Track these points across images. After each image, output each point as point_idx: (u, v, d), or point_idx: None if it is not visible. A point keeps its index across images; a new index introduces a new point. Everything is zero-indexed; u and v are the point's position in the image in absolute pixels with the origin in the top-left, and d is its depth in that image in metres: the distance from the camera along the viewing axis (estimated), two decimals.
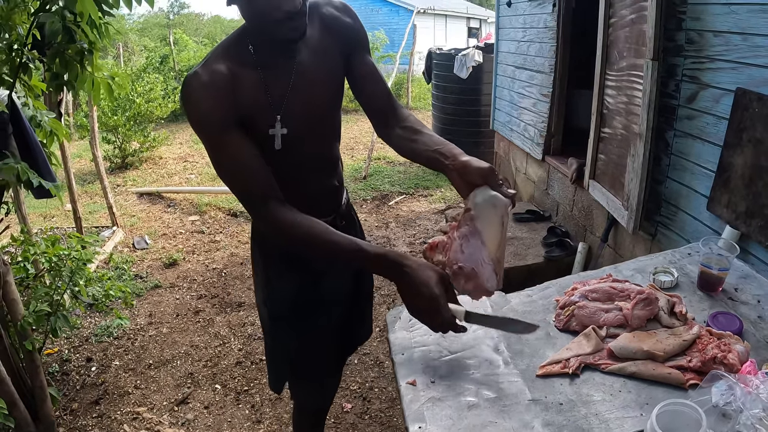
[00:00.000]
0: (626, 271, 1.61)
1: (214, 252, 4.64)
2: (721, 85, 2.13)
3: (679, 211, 2.46)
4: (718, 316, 1.29)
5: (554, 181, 4.20)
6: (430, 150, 1.35)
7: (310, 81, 1.37)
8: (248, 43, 1.31)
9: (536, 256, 3.65)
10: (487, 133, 5.96)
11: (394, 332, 1.42)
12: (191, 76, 1.26)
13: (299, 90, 1.36)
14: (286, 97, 1.35)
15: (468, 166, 1.23)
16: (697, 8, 2.26)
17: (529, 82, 4.54)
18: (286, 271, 1.59)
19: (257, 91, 1.31)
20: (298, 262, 1.54)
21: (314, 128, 1.44)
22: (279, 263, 1.59)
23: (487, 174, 1.21)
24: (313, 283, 1.60)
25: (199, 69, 1.27)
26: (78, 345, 3.30)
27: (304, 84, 1.36)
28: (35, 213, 5.46)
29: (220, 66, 1.27)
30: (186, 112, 1.28)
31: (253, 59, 1.31)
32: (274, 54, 1.32)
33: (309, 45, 1.37)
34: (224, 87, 1.26)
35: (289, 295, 1.60)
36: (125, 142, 7.22)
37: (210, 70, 1.26)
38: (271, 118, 1.34)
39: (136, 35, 16.75)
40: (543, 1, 4.16)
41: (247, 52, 1.31)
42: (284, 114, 1.35)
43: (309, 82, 1.37)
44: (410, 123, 1.47)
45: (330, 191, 1.61)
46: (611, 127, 2.97)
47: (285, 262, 1.58)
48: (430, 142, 1.37)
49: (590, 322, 1.33)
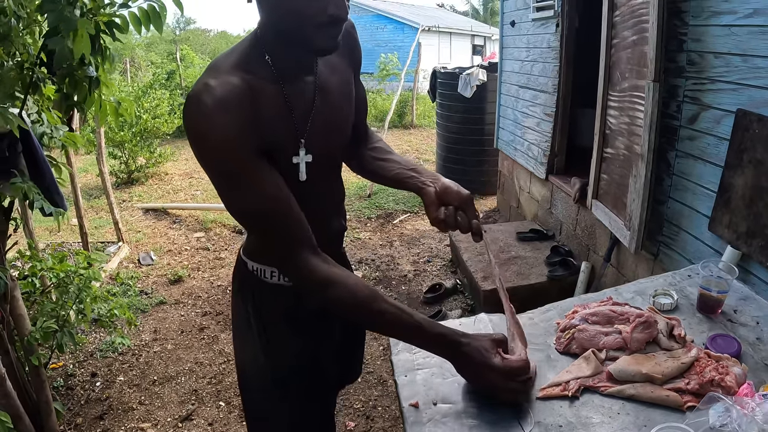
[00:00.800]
0: (626, 293, 1.61)
1: (219, 269, 4.65)
2: (722, 106, 2.15)
3: (681, 231, 2.47)
4: (717, 339, 1.30)
5: (557, 201, 4.21)
6: (406, 168, 1.31)
7: (331, 101, 1.19)
8: (264, 53, 1.09)
9: (539, 275, 3.65)
10: (491, 151, 6.00)
11: (396, 353, 1.42)
12: (201, 89, 1.00)
13: (321, 111, 1.17)
14: (310, 119, 1.15)
15: (449, 188, 1.21)
16: (698, 30, 2.29)
17: (533, 101, 4.57)
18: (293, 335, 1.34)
19: (280, 110, 1.09)
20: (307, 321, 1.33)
21: (335, 155, 1.27)
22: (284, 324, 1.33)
23: (466, 200, 1.20)
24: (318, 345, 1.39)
25: (210, 81, 1.01)
26: (83, 360, 3.31)
27: (326, 103, 1.18)
28: (42, 227, 5.50)
29: (234, 78, 1.03)
30: (194, 135, 1.00)
31: (272, 72, 1.08)
32: (294, 67, 1.12)
33: (327, 63, 1.19)
34: (245, 103, 1.02)
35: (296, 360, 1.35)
36: (131, 158, 7.28)
37: (225, 82, 1.01)
38: (294, 144, 1.13)
39: (142, 50, 16.90)
40: (546, 22, 4.21)
41: (264, 64, 1.08)
42: (307, 138, 1.14)
43: (330, 102, 1.19)
44: (380, 145, 1.43)
45: (341, 230, 1.42)
46: (614, 147, 3.00)
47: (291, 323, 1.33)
48: (403, 162, 1.34)
49: (590, 345, 1.34)
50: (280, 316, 1.32)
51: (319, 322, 1.35)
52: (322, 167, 1.20)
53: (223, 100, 0.98)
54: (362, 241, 5.14)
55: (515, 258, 3.90)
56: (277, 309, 1.31)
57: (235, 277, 1.39)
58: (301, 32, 1.02)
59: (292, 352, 1.34)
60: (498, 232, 4.42)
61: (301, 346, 1.34)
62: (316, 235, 1.15)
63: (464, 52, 21.39)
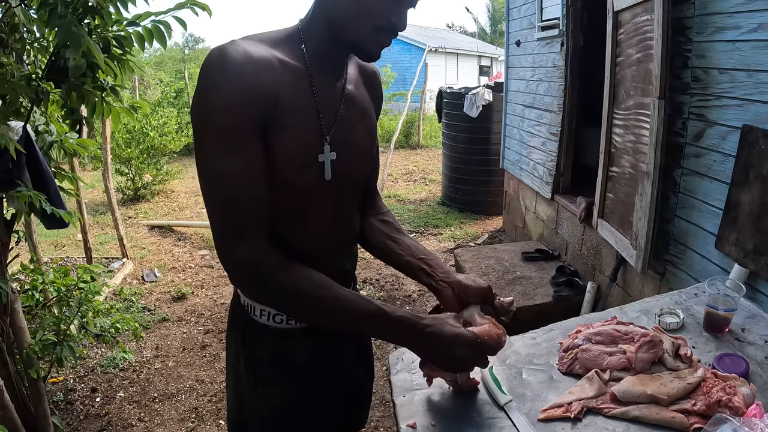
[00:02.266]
0: (632, 312, 1.59)
1: (222, 287, 4.64)
2: (728, 122, 2.14)
3: (688, 249, 2.44)
4: (724, 358, 1.27)
5: (563, 220, 4.19)
6: (416, 257, 1.26)
7: (354, 115, 1.16)
8: (301, 41, 1.06)
9: (545, 295, 3.61)
10: (497, 171, 5.99)
11: (395, 374, 1.40)
12: (229, 45, 0.96)
13: (346, 118, 1.13)
14: (336, 119, 1.11)
15: (468, 288, 1.18)
16: (703, 46, 2.28)
17: (538, 120, 4.58)
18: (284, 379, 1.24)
19: (306, 103, 1.05)
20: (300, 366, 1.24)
21: (359, 166, 1.21)
22: (273, 367, 1.24)
23: (487, 294, 1.19)
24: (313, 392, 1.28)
25: (240, 41, 0.98)
26: (83, 375, 3.29)
27: (350, 113, 1.14)
28: (46, 242, 5.52)
29: (263, 49, 0.99)
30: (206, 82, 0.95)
31: (304, 60, 1.05)
32: (326, 64, 1.09)
33: (352, 79, 1.18)
34: (264, 75, 0.97)
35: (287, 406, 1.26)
36: (138, 175, 7.32)
37: (255, 48, 0.98)
38: (318, 139, 1.08)
39: (152, 69, 17.12)
40: (551, 41, 4.23)
41: (298, 52, 1.05)
42: (333, 138, 1.10)
43: (353, 116, 1.16)
44: (389, 218, 1.37)
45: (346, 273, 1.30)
46: (619, 166, 2.98)
47: (282, 367, 1.24)
48: (414, 248, 1.29)
49: (593, 366, 1.31)
50: (269, 359, 1.22)
51: (315, 368, 1.25)
52: (348, 169, 1.14)
53: (247, 59, 0.95)
54: (367, 260, 5.11)
55: (520, 278, 3.87)
56: (266, 351, 1.22)
57: (230, 309, 1.33)
58: (358, 27, 1.00)
59: (283, 397, 1.24)
60: (503, 252, 4.39)
61: (292, 392, 1.25)
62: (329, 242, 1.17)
63: (471, 73, 21.54)
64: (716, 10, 2.18)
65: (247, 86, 0.95)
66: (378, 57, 1.06)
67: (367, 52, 1.05)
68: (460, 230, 5.97)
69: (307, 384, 1.25)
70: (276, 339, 1.21)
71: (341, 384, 1.32)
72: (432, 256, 1.26)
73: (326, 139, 1.08)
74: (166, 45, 2.08)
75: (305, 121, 1.05)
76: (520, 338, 1.52)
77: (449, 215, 6.49)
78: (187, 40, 28.95)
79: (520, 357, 1.43)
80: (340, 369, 1.31)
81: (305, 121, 1.05)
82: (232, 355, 1.29)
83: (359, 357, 1.39)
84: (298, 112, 1.03)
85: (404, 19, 1.02)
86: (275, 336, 1.21)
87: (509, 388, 1.28)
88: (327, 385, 1.28)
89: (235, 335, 1.27)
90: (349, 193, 1.22)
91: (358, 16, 1.00)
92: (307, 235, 1.14)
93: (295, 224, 1.11)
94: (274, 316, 1.20)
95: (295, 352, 1.22)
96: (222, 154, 0.97)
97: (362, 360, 1.41)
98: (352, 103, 1.16)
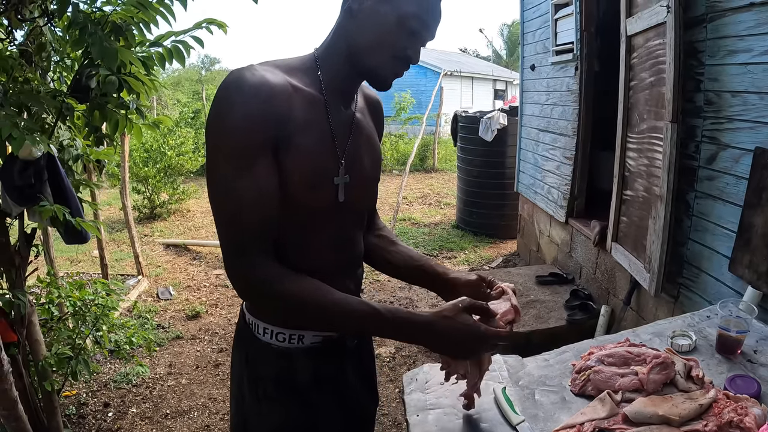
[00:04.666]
0: (644, 335, 1.59)
1: (236, 306, 4.65)
2: (740, 145, 2.14)
3: (702, 272, 2.42)
4: (736, 379, 1.26)
5: (577, 244, 4.17)
6: (412, 265, 1.34)
7: (363, 138, 1.22)
8: (318, 68, 1.12)
9: (558, 319, 3.59)
10: (512, 195, 5.99)
11: (409, 393, 1.41)
12: (246, 69, 1.02)
13: (356, 144, 1.19)
14: (348, 143, 1.16)
15: (457, 282, 1.27)
16: (715, 69, 2.29)
17: (553, 144, 4.59)
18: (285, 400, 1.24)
19: (320, 126, 1.10)
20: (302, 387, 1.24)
21: (366, 188, 1.25)
22: (275, 387, 1.24)
23: (475, 285, 1.26)
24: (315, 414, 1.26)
25: (257, 66, 1.04)
26: (96, 389, 3.31)
27: (360, 138, 1.20)
28: (63, 257, 5.59)
29: (279, 75, 1.04)
30: (221, 103, 1.00)
31: (320, 87, 1.11)
32: (340, 92, 1.15)
33: (359, 107, 1.24)
34: (282, 100, 1.02)
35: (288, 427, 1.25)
36: (155, 194, 7.41)
37: (271, 73, 1.03)
38: (335, 164, 1.13)
39: (169, 89, 17.40)
40: (565, 65, 4.26)
41: (314, 78, 1.12)
42: (347, 162, 1.15)
43: (362, 140, 1.21)
44: (385, 233, 1.43)
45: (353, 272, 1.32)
46: (633, 190, 2.98)
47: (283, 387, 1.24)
48: (408, 256, 1.37)
49: (606, 387, 1.31)
50: (271, 377, 1.24)
51: (317, 388, 1.25)
52: (357, 194, 1.20)
53: (262, 82, 1.00)
54: (381, 282, 5.11)
55: (534, 302, 3.85)
56: (269, 369, 1.23)
57: (236, 328, 1.35)
58: (378, 56, 1.08)
59: (286, 416, 1.24)
60: (518, 276, 4.38)
61: (295, 411, 1.24)
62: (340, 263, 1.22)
63: (486, 97, 21.63)
64: (728, 34, 2.20)
65: (260, 109, 0.99)
66: (390, 86, 1.14)
67: (383, 79, 1.12)
68: (474, 254, 5.96)
69: (310, 404, 1.25)
70: (278, 358, 1.22)
71: (345, 406, 1.31)
72: (425, 261, 1.33)
73: (341, 163, 1.13)
74: (184, 63, 2.15)
75: (320, 144, 1.09)
76: (533, 360, 1.52)
77: (464, 239, 6.49)
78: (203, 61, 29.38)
79: (533, 378, 1.43)
80: (343, 391, 1.31)
81: (320, 145, 1.09)
82: (236, 372, 1.31)
83: (363, 380, 1.38)
84: (313, 135, 1.07)
85: (418, 53, 1.12)
86: (277, 355, 1.22)
87: (522, 409, 1.28)
88: (330, 405, 1.28)
89: (239, 353, 1.29)
90: (357, 217, 1.27)
91: (380, 46, 1.07)
92: (313, 254, 1.16)
93: (302, 244, 1.14)
94: (276, 334, 1.21)
95: (297, 371, 1.23)
96: (232, 173, 1.00)
97: (366, 383, 1.41)
98: (360, 131, 1.21)
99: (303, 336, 1.21)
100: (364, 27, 1.08)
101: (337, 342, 1.23)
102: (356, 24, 1.09)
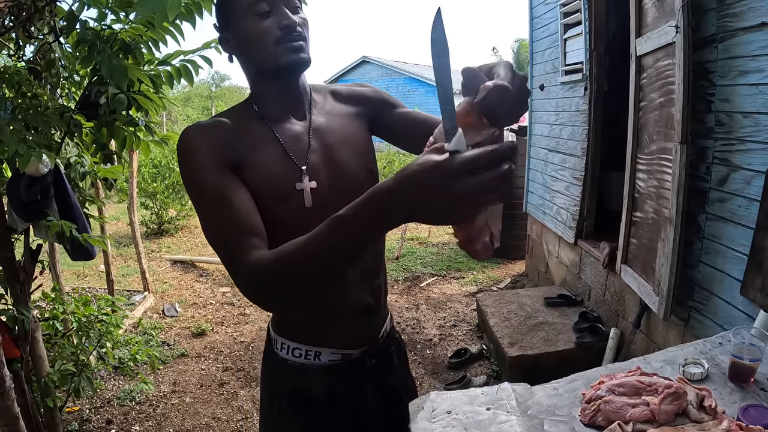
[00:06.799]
0: (656, 362, 1.55)
1: (242, 325, 4.64)
2: (752, 166, 2.11)
3: (712, 296, 2.38)
4: (750, 409, 1.22)
5: (586, 265, 4.13)
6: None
7: (328, 142, 1.23)
8: (252, 103, 1.21)
9: (567, 341, 3.53)
10: (520, 215, 5.95)
11: (416, 422, 1.38)
12: (188, 127, 1.14)
13: (318, 150, 1.21)
14: (308, 153, 1.19)
15: None
16: (726, 90, 2.27)
17: (562, 165, 4.56)
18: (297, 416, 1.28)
19: (269, 143, 1.17)
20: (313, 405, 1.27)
21: (346, 190, 1.12)
22: (288, 402, 1.28)
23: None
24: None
25: (201, 120, 1.19)
26: (99, 406, 3.29)
27: (322, 144, 1.22)
28: (69, 271, 5.61)
29: (221, 118, 1.16)
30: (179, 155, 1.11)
31: (258, 115, 1.20)
32: (283, 111, 1.21)
33: (323, 111, 1.27)
34: (223, 131, 1.13)
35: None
36: (162, 209, 7.44)
37: (212, 120, 1.17)
38: (295, 171, 1.17)
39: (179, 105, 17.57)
40: (575, 85, 4.25)
41: (252, 111, 1.20)
42: (309, 168, 1.18)
43: (327, 143, 1.22)
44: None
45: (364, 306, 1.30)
46: (642, 211, 2.94)
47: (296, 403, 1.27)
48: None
49: (616, 417, 1.28)
50: (286, 393, 1.27)
51: (332, 406, 1.27)
52: (331, 196, 1.17)
53: (204, 127, 1.13)
54: (388, 303, 5.09)
55: (542, 324, 3.80)
56: (284, 385, 1.28)
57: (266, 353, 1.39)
58: (266, 54, 1.13)
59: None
60: (526, 297, 4.33)
61: (308, 430, 1.28)
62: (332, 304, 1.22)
63: None
64: (739, 54, 2.18)
65: (206, 145, 1.09)
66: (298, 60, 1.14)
67: (286, 62, 1.14)
68: (482, 274, 5.92)
69: (323, 423, 1.26)
70: (294, 374, 1.25)
71: (361, 428, 1.32)
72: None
73: (302, 170, 1.17)
74: (193, 83, 2.16)
75: (274, 157, 1.16)
76: (542, 388, 1.49)
77: (471, 259, 6.40)
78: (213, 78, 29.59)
79: (541, 407, 1.40)
80: (361, 413, 1.31)
81: (274, 158, 1.15)
82: (262, 388, 1.37)
83: (388, 402, 1.37)
84: (264, 153, 1.15)
85: (289, 17, 1.12)
86: (293, 371, 1.25)
87: None
88: (344, 426, 1.29)
89: (263, 368, 1.35)
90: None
91: (259, 46, 1.12)
92: None
93: None
94: (293, 350, 1.25)
95: (312, 388, 1.25)
96: (204, 204, 1.07)
97: (389, 408, 1.38)
98: (324, 134, 1.23)
99: (320, 353, 1.24)
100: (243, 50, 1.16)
101: (355, 361, 1.25)
102: (241, 56, 1.18)
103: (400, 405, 1.38)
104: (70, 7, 1.89)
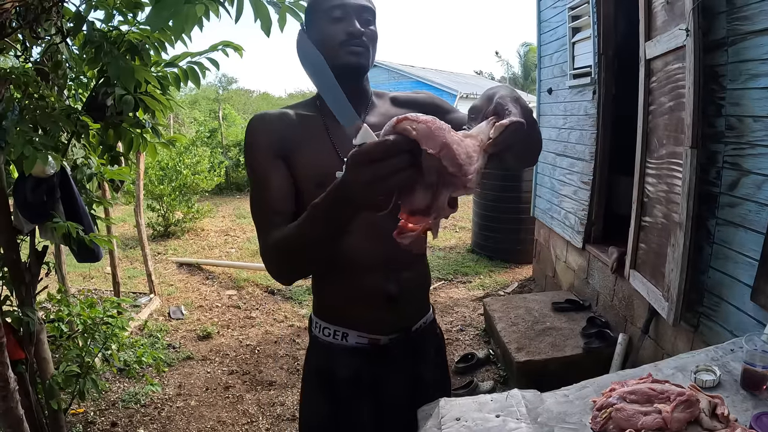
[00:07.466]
0: (667, 369, 1.53)
1: (249, 328, 4.63)
2: (763, 171, 2.09)
3: (722, 301, 2.35)
4: (762, 417, 1.20)
5: (594, 270, 4.09)
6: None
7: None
8: (318, 97, 1.35)
9: (575, 347, 3.50)
10: (528, 220, 5.93)
11: (425, 429, 1.37)
12: (256, 115, 1.35)
13: None
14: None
15: None
16: (737, 93, 2.25)
17: (570, 169, 4.54)
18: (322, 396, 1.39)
19: (321, 136, 1.32)
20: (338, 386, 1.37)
21: None
22: (316, 381, 1.41)
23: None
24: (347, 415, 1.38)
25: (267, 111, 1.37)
26: (104, 408, 3.28)
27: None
28: (75, 272, 5.62)
29: (286, 110, 1.35)
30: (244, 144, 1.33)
31: (318, 108, 1.35)
32: None
33: (378, 113, 1.37)
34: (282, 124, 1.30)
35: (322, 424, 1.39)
36: (169, 212, 7.46)
37: (278, 111, 1.36)
38: (338, 162, 1.24)
39: (186, 107, 17.61)
40: (583, 89, 4.23)
41: (315, 105, 1.36)
42: None
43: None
44: None
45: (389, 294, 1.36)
46: (652, 216, 2.92)
47: (322, 383, 1.39)
48: None
49: (628, 426, 1.26)
50: (315, 368, 1.41)
51: (355, 387, 1.36)
52: None
53: (265, 119, 1.32)
54: None
55: (550, 329, 3.77)
56: (313, 361, 1.42)
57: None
58: (330, 53, 1.24)
59: (319, 414, 1.39)
60: (533, 302, 4.30)
61: (324, 406, 1.38)
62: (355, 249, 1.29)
63: None
64: (750, 57, 2.16)
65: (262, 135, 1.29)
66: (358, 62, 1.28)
67: (346, 63, 1.27)
68: (489, 278, 5.89)
69: (344, 401, 1.36)
70: (322, 351, 1.39)
71: (382, 414, 1.40)
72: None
73: (344, 161, 1.17)
74: (199, 85, 2.16)
75: (321, 148, 1.30)
76: (552, 395, 1.47)
77: (479, 263, 6.42)
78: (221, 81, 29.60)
79: (552, 415, 1.38)
80: (384, 398, 1.39)
81: (321, 149, 1.30)
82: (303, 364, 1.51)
83: (412, 395, 1.42)
84: (314, 143, 1.30)
85: (354, 24, 1.26)
86: (322, 348, 1.39)
87: None
88: (363, 409, 1.38)
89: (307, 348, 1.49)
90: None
91: (325, 44, 1.25)
92: (345, 246, 1.27)
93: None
94: (323, 329, 1.39)
95: (337, 367, 1.37)
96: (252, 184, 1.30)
97: (417, 400, 1.40)
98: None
99: (347, 334, 1.36)
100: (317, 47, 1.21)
101: (383, 348, 1.34)
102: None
103: (429, 400, 1.42)
104: (78, 8, 1.89)
